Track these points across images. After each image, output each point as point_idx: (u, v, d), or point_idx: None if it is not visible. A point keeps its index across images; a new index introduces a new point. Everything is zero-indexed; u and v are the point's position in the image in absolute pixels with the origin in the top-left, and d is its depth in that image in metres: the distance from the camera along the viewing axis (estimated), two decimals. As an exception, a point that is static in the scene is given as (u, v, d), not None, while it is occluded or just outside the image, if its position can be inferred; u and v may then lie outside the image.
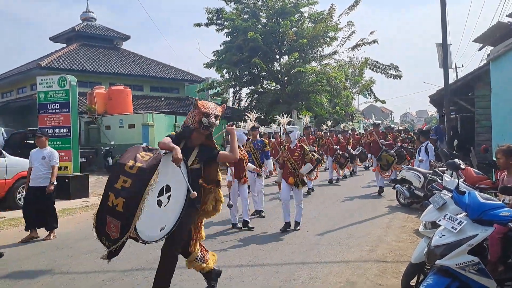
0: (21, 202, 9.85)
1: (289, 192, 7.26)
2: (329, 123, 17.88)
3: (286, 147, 7.32)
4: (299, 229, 7.20)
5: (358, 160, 15.65)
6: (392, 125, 16.60)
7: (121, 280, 4.88)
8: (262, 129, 15.44)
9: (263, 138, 8.98)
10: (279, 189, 7.56)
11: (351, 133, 16.94)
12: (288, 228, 7.16)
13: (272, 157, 12.58)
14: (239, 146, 7.05)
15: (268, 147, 8.87)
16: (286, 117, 9.86)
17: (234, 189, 7.47)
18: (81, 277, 5.04)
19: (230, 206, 7.04)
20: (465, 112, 18.12)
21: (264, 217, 8.36)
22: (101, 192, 12.00)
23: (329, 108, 26.33)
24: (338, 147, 14.16)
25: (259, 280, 4.78)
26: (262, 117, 25.28)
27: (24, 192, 9.92)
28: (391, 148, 12.18)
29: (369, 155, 12.32)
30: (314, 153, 10.19)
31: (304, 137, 12.97)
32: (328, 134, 14.86)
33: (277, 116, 8.25)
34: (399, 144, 13.06)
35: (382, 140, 11.87)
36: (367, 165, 18.56)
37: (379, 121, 13.71)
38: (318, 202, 10.40)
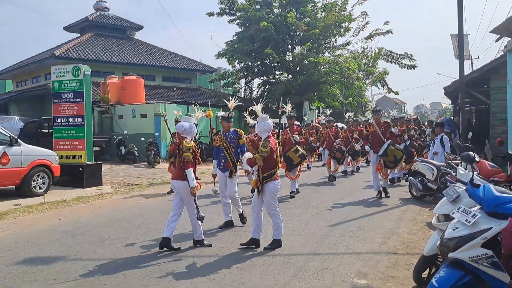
0: (36, 190, 10.03)
1: (260, 199, 5.76)
2: (351, 114, 16.31)
3: (259, 141, 6.11)
4: (270, 250, 5.57)
5: (361, 157, 14.08)
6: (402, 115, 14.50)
7: (134, 268, 4.95)
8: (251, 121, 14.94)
9: (237, 129, 7.28)
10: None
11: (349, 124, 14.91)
12: (255, 246, 5.66)
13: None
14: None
15: (244, 139, 7.11)
16: (290, 106, 8.85)
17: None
18: (95, 263, 5.12)
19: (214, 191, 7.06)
20: (480, 105, 17.85)
21: (233, 225, 6.90)
22: (114, 181, 12.13)
23: (342, 99, 26.16)
24: (339, 140, 12.82)
25: (270, 271, 4.81)
26: (274, 108, 25.26)
27: (40, 180, 10.11)
28: (397, 141, 10.51)
29: (367, 148, 9.87)
30: (299, 148, 9.55)
31: (287, 129, 10.30)
32: (326, 125, 13.53)
33: (254, 106, 6.57)
34: (407, 136, 11.74)
35: (394, 129, 9.96)
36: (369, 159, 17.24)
37: (379, 108, 10.74)
38: (330, 194, 10.39)
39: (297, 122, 15.46)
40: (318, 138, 14.86)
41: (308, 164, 15.36)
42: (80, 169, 11.39)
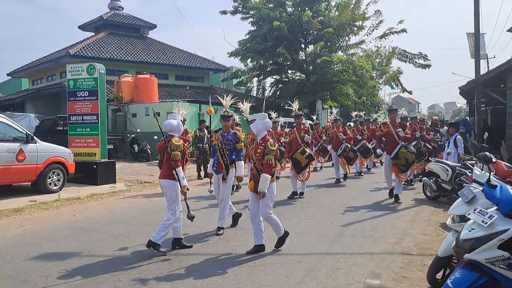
0: (51, 187, 10.17)
1: (256, 201, 5.46)
2: (361, 113, 15.63)
3: (254, 142, 5.67)
4: (280, 250, 5.52)
5: (373, 156, 13.49)
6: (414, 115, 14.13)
7: (147, 264, 4.99)
8: (280, 120, 14.69)
9: (236, 130, 6.87)
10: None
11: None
12: (260, 250, 5.41)
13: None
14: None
15: (242, 143, 6.57)
16: (298, 104, 9.04)
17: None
18: (109, 259, 5.18)
19: (210, 192, 6.83)
20: (496, 105, 17.60)
21: (221, 234, 6.28)
22: (127, 178, 12.21)
23: (355, 98, 26.01)
24: (345, 138, 12.18)
25: (283, 269, 4.80)
26: (286, 106, 25.20)
27: (55, 177, 10.25)
28: (409, 142, 9.83)
29: (378, 151, 9.41)
30: (306, 149, 9.20)
31: (294, 129, 9.72)
32: (333, 124, 12.86)
33: (240, 104, 6.23)
34: (418, 134, 11.24)
35: (400, 132, 8.91)
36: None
37: (396, 107, 9.73)
38: (342, 193, 10.34)
39: (309, 121, 15.22)
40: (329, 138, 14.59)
41: (320, 165, 15.19)
42: (94, 166, 11.51)
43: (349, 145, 12.08)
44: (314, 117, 16.74)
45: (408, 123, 11.63)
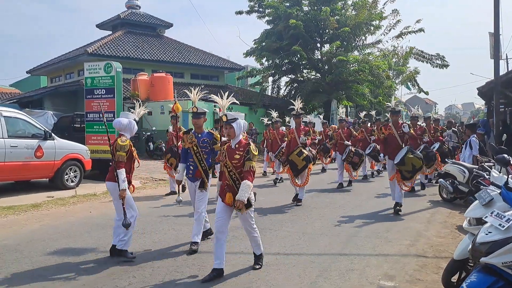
0: (68, 183, 10.33)
1: (226, 217, 4.60)
2: (372, 112, 15.03)
3: (225, 146, 4.71)
4: (259, 268, 4.81)
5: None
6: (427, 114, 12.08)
7: (161, 261, 5.03)
8: (309, 118, 14.66)
9: (212, 130, 5.97)
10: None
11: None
12: (218, 276, 4.49)
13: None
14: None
15: (218, 144, 5.43)
16: (299, 102, 8.50)
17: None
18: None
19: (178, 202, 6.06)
20: (516, 106, 17.26)
21: (195, 251, 5.41)
22: (143, 176, 12.34)
23: (371, 98, 25.79)
24: (349, 143, 11.28)
25: (296, 269, 4.80)
26: (301, 106, 25.12)
27: (72, 174, 10.40)
28: (416, 144, 9.72)
29: (381, 156, 8.34)
30: (303, 150, 8.44)
31: (293, 129, 9.04)
32: (338, 125, 12.30)
33: (213, 96, 5.19)
34: (426, 138, 10.36)
35: (405, 127, 8.03)
36: (380, 169, 13.97)
37: (399, 108, 8.61)
38: (356, 194, 10.28)
39: (325, 121, 15.05)
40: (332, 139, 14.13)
41: (323, 167, 14.93)
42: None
43: (353, 149, 11.16)
44: (321, 116, 16.65)
45: (420, 123, 11.14)
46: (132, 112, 5.76)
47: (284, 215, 7.66)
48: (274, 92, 28.30)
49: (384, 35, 26.57)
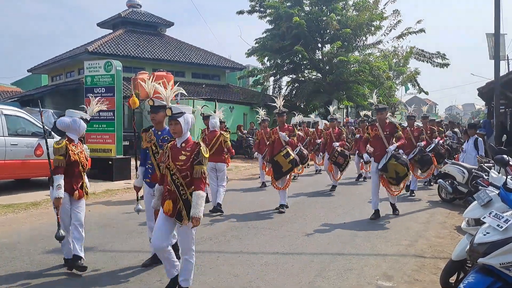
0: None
1: (168, 228, 3.92)
2: (369, 113, 13.82)
3: (169, 144, 3.98)
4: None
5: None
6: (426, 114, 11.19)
7: (159, 259, 5.03)
8: (299, 117, 14.44)
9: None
10: None
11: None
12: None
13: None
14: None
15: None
16: (282, 99, 8.17)
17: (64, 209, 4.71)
18: (122, 255, 5.24)
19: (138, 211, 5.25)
20: (516, 107, 17.26)
21: (148, 263, 4.84)
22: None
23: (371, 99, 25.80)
24: (337, 144, 10.45)
25: (294, 269, 4.80)
26: (302, 106, 25.13)
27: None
28: (409, 147, 9.24)
29: (365, 156, 7.75)
30: (290, 152, 7.88)
31: (277, 128, 8.21)
32: (328, 124, 11.38)
33: (158, 86, 4.25)
34: (421, 143, 9.59)
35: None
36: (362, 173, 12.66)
37: (383, 106, 7.90)
38: (356, 194, 10.27)
39: (325, 121, 14.84)
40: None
41: (316, 168, 14.50)
42: (110, 162, 11.66)
43: (339, 149, 10.40)
44: (312, 116, 16.54)
45: (416, 125, 10.53)
46: (85, 111, 5.25)
47: (282, 215, 7.66)
48: (275, 92, 28.31)
49: (384, 35, 26.61)
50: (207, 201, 7.31)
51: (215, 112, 8.82)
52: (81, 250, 4.68)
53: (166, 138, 4.62)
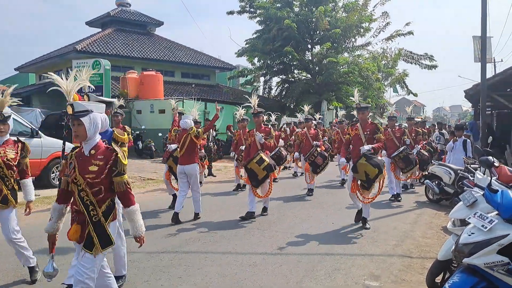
0: (55, 181, 10.23)
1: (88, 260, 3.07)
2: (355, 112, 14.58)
3: (74, 153, 3.18)
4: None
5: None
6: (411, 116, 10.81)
7: (147, 261, 5.01)
8: (286, 119, 14.36)
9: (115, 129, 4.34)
10: None
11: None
12: None
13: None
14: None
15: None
16: (256, 99, 7.51)
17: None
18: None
19: None
20: (502, 109, 17.50)
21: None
22: (131, 175, 12.17)
23: (360, 99, 25.97)
24: (318, 143, 9.81)
25: (282, 269, 4.81)
26: (292, 106, 25.20)
27: (58, 172, 10.30)
28: (393, 147, 9.26)
29: (342, 160, 7.34)
30: (264, 157, 7.33)
31: (253, 130, 7.66)
32: (303, 123, 10.58)
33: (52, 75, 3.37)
34: (408, 140, 9.50)
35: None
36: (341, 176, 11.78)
37: (365, 105, 7.19)
38: (345, 194, 10.32)
39: (315, 122, 14.66)
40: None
41: (295, 171, 13.61)
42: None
43: (319, 149, 9.74)
44: (285, 117, 16.40)
45: (399, 125, 10.20)
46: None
47: (271, 216, 7.67)
48: (265, 92, 28.34)
49: (373, 37, 26.81)
50: (171, 207, 7.15)
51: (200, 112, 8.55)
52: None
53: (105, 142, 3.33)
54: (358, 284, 4.43)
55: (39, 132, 10.18)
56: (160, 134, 17.62)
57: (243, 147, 9.37)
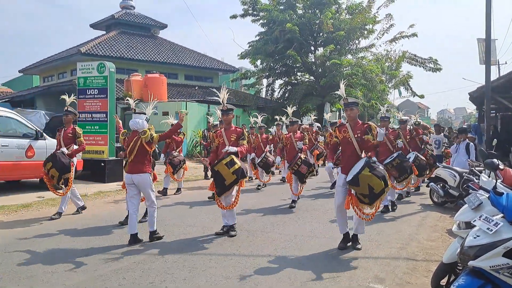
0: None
1: None
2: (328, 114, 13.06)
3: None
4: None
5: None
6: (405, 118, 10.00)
7: (151, 263, 5.02)
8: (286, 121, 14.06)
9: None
10: None
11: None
12: None
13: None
14: None
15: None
16: (226, 93, 6.46)
17: None
18: (113, 258, 5.21)
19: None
20: (507, 111, 17.46)
21: None
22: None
23: (364, 102, 25.92)
24: (301, 146, 8.72)
25: (286, 272, 4.80)
26: (295, 109, 25.18)
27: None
28: (387, 152, 8.34)
29: (330, 164, 6.30)
30: (236, 160, 6.15)
31: (221, 130, 6.60)
32: (288, 127, 9.35)
33: None
34: (401, 143, 8.72)
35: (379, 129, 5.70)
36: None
37: (353, 100, 5.87)
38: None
39: (317, 124, 14.57)
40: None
41: (283, 177, 12.33)
42: (102, 164, 11.60)
43: (303, 156, 8.58)
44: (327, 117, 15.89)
45: (391, 126, 9.55)
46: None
47: (275, 218, 7.67)
48: (268, 94, 28.35)
49: (377, 39, 26.78)
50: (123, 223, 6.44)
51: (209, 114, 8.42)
52: None
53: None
54: (363, 287, 4.41)
55: (44, 134, 10.21)
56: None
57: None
